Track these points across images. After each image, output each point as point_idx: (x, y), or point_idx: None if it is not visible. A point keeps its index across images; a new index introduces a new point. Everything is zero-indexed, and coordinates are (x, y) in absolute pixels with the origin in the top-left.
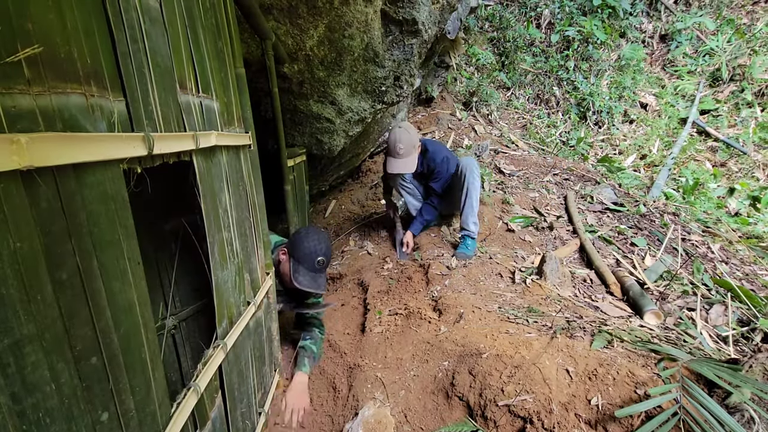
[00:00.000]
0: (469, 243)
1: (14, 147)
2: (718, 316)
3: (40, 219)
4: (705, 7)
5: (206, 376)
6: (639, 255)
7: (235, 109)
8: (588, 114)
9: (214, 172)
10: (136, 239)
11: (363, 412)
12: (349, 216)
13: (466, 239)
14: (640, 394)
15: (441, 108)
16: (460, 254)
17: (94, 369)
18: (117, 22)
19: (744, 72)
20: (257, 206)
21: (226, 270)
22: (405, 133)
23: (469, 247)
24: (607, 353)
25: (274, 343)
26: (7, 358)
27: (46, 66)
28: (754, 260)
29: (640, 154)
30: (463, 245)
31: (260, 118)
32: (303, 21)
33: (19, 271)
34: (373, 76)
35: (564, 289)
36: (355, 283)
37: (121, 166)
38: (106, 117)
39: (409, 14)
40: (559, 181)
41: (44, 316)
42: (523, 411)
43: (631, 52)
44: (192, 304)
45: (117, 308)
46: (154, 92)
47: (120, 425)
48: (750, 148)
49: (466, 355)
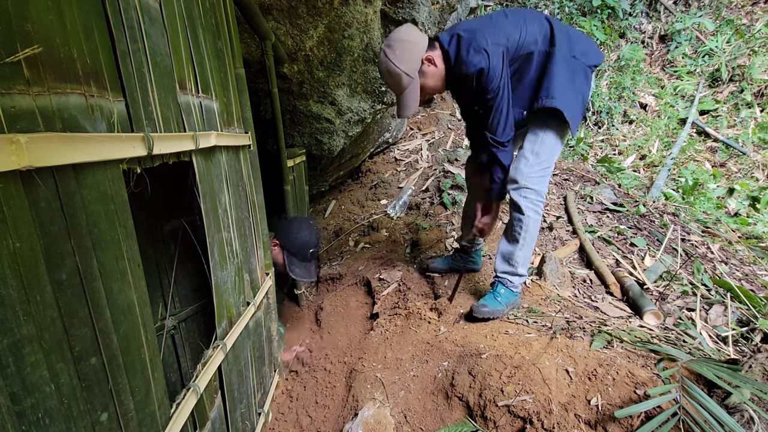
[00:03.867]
0: (501, 294)
1: (14, 147)
2: (718, 316)
3: (39, 219)
4: (704, 8)
5: (206, 377)
6: (638, 255)
7: (235, 110)
8: (587, 114)
9: (214, 172)
10: (136, 240)
11: (363, 412)
12: (348, 216)
13: (498, 286)
14: (639, 394)
15: (441, 108)
16: (479, 306)
17: (94, 369)
18: (117, 22)
19: (743, 72)
20: (257, 206)
21: (226, 270)
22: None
23: (499, 299)
24: (606, 353)
25: (274, 343)
26: (6, 359)
27: (46, 66)
28: (753, 260)
29: (639, 155)
30: (490, 294)
31: (260, 119)
32: (303, 21)
33: (19, 271)
34: (373, 77)
35: (564, 290)
36: (355, 283)
37: (121, 166)
38: (106, 117)
39: (408, 15)
40: (558, 181)
41: (44, 316)
42: (523, 411)
43: (631, 53)
44: (191, 304)
45: (116, 309)
46: (154, 92)
47: (119, 425)
48: (749, 148)
49: (465, 356)
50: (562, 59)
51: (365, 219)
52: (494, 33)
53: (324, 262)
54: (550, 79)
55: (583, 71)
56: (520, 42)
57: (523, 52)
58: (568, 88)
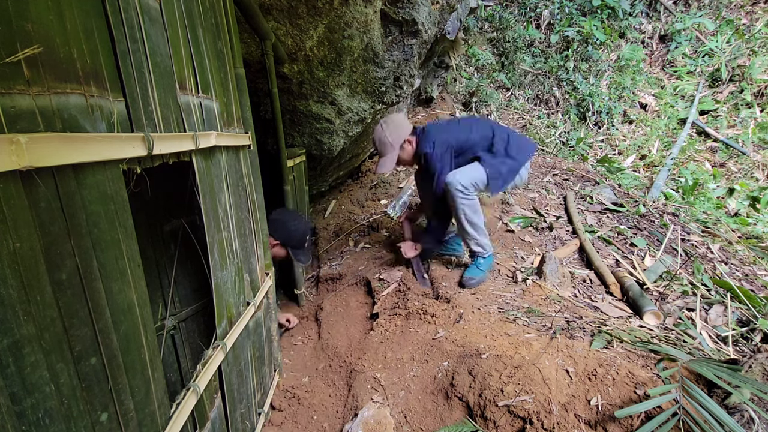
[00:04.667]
0: (480, 263)
1: (14, 147)
2: (718, 316)
3: (39, 219)
4: (704, 8)
5: (206, 377)
6: (638, 255)
7: (235, 110)
8: (587, 114)
9: (214, 172)
10: (136, 240)
11: (363, 412)
12: (348, 216)
13: (477, 259)
14: (639, 394)
15: (441, 108)
16: (467, 279)
17: (94, 369)
18: (117, 22)
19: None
20: (257, 206)
21: (226, 270)
22: (378, 130)
23: (480, 268)
24: (606, 353)
25: (274, 343)
26: (6, 359)
27: (46, 66)
28: (753, 260)
29: (639, 155)
30: (472, 266)
31: (260, 119)
32: (302, 21)
33: (19, 271)
34: (372, 77)
35: (564, 290)
36: (355, 283)
37: (121, 166)
38: (106, 117)
39: (408, 15)
40: (558, 181)
41: (43, 316)
42: (523, 411)
43: (631, 53)
44: (191, 304)
45: (116, 309)
46: (154, 92)
47: (119, 425)
48: (749, 148)
49: (465, 356)
50: (499, 157)
51: (365, 219)
52: (444, 134)
53: (324, 262)
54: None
55: (513, 164)
56: (465, 143)
57: (469, 153)
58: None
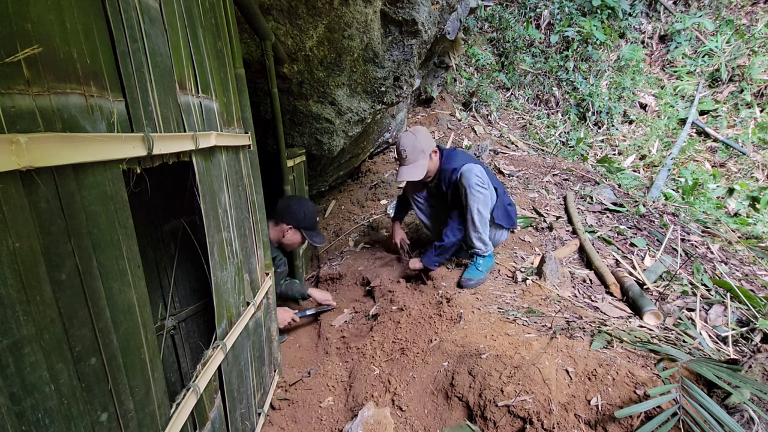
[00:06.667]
0: (480, 263)
1: (14, 147)
2: (718, 316)
3: (39, 219)
4: (704, 8)
5: (205, 377)
6: (638, 255)
7: (235, 110)
8: (587, 114)
9: (214, 172)
10: (136, 240)
11: (363, 412)
12: (348, 216)
13: (477, 259)
14: (639, 394)
15: (441, 108)
16: (466, 280)
17: (94, 369)
18: (116, 22)
19: (743, 72)
20: (257, 206)
21: (226, 270)
22: (410, 136)
23: (479, 268)
24: (606, 353)
25: (274, 343)
26: (6, 359)
27: (46, 66)
28: (753, 261)
29: (639, 155)
30: (471, 267)
31: (260, 119)
32: (302, 21)
33: (18, 271)
34: (372, 77)
35: (563, 290)
36: (355, 283)
37: (121, 166)
38: (106, 117)
39: (408, 15)
40: (558, 181)
41: (43, 316)
42: (523, 411)
43: (631, 53)
44: (191, 304)
45: (116, 309)
46: (154, 92)
47: (119, 426)
48: (749, 148)
49: (465, 356)
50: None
51: (365, 219)
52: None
53: (324, 262)
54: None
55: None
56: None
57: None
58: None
